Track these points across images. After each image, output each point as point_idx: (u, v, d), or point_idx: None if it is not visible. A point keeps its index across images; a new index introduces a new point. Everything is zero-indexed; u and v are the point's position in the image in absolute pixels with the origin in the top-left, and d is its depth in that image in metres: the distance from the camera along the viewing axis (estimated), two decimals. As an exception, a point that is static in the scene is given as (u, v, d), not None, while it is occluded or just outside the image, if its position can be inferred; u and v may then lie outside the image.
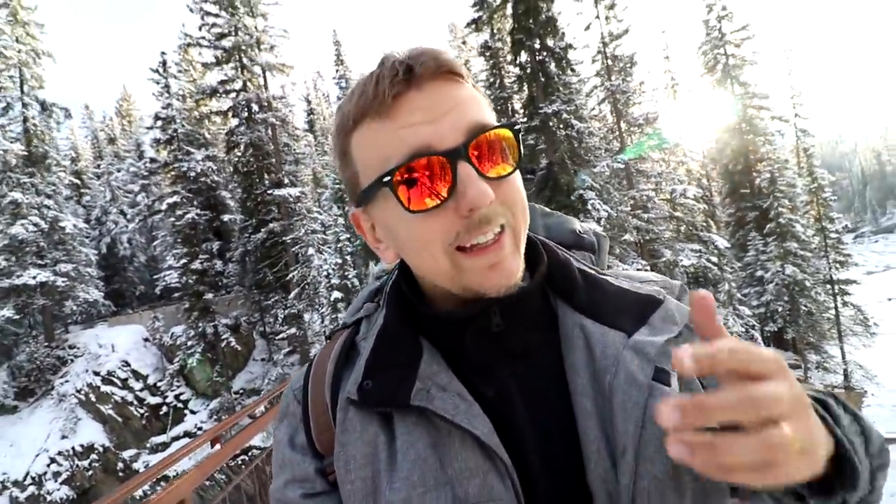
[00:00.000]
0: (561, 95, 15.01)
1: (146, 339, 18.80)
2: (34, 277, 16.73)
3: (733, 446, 0.31)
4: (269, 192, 18.15)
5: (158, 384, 17.64)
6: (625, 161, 17.07)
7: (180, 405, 17.36)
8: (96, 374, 16.87)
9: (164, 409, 17.23)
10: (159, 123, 18.48)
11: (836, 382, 17.35)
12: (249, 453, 9.62)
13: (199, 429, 16.78)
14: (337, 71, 30.80)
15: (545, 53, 15.51)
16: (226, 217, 19.60)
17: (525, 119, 16.20)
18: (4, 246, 16.79)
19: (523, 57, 16.08)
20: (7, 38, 17.78)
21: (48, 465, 15.64)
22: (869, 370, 18.02)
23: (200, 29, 18.06)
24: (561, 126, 15.29)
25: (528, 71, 15.84)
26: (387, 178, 0.46)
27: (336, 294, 16.06)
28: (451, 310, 0.52)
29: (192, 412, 17.24)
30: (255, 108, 18.73)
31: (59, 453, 15.70)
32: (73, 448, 15.84)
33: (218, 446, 1.87)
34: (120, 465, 16.13)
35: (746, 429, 0.31)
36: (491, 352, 0.52)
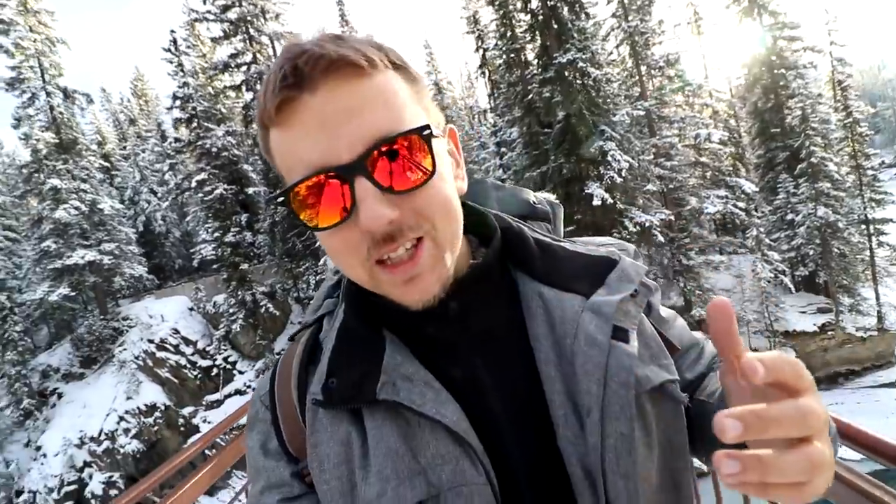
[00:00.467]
0: (576, 43, 14.50)
1: (191, 309, 20.11)
2: (82, 257, 17.93)
3: (782, 463, 0.29)
4: (290, 162, 18.54)
5: (207, 349, 19.05)
6: (646, 108, 16.56)
7: (229, 366, 18.78)
8: (150, 341, 18.31)
9: (215, 370, 18.69)
10: (178, 102, 18.87)
11: (869, 325, 17.16)
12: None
13: (249, 387, 18.22)
14: (342, 31, 30.19)
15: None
16: (250, 190, 20.15)
17: (539, 70, 15.80)
18: (52, 230, 17.95)
19: (534, 3, 15.50)
20: (21, 29, 18.18)
21: (118, 423, 17.40)
22: (905, 310, 17.70)
23: (205, 2, 17.99)
24: (577, 75, 14.88)
25: (540, 18, 15.30)
26: (281, 199, 0.45)
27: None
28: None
29: (240, 372, 18.66)
30: (268, 79, 18.84)
31: (127, 412, 17.38)
32: (138, 407, 17.50)
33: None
34: (181, 420, 17.79)
35: (787, 445, 0.30)
36: (454, 334, 0.51)
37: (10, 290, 18.50)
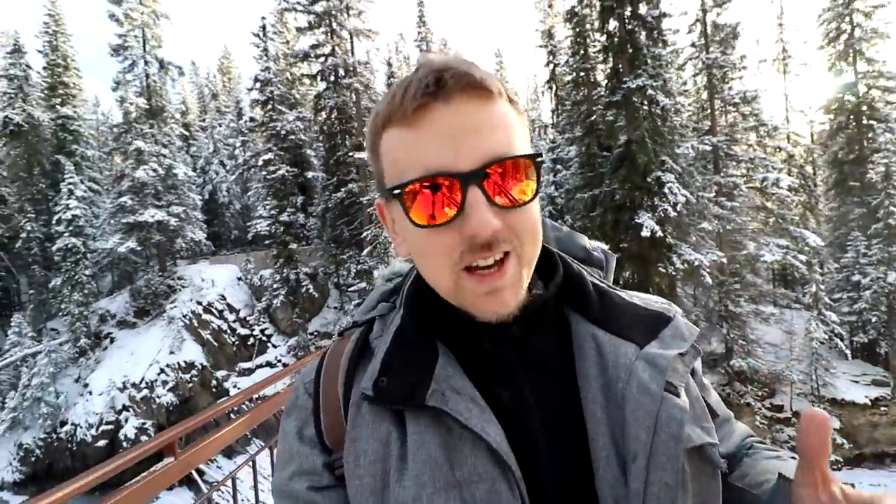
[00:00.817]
0: (648, 69, 14.24)
1: (239, 278, 21.35)
2: (153, 216, 19.47)
3: None
4: (349, 154, 19.32)
5: (248, 318, 20.15)
6: (713, 143, 15.97)
7: (264, 338, 19.77)
8: (199, 303, 19.58)
9: (251, 340, 19.72)
10: (258, 85, 20.13)
11: (931, 405, 15.68)
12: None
13: (279, 360, 19.08)
14: (419, 33, 30.75)
15: (636, 22, 14.68)
16: (310, 174, 21.16)
17: (607, 92, 15.63)
18: (129, 187, 19.62)
19: (611, 25, 15.32)
20: (133, 1, 20.00)
21: (158, 374, 18.69)
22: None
23: (296, -6, 19.10)
24: (645, 102, 14.58)
25: (616, 41, 15.12)
26: (397, 191, 0.48)
27: (404, 255, 17.09)
28: (471, 314, 0.52)
29: (274, 346, 19.59)
30: (341, 72, 19.73)
31: (168, 365, 18.64)
32: (178, 363, 18.73)
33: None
34: (213, 381, 18.88)
35: None
36: (507, 357, 0.53)
37: (87, 236, 20.28)
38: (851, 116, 18.22)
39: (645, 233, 13.47)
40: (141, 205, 19.67)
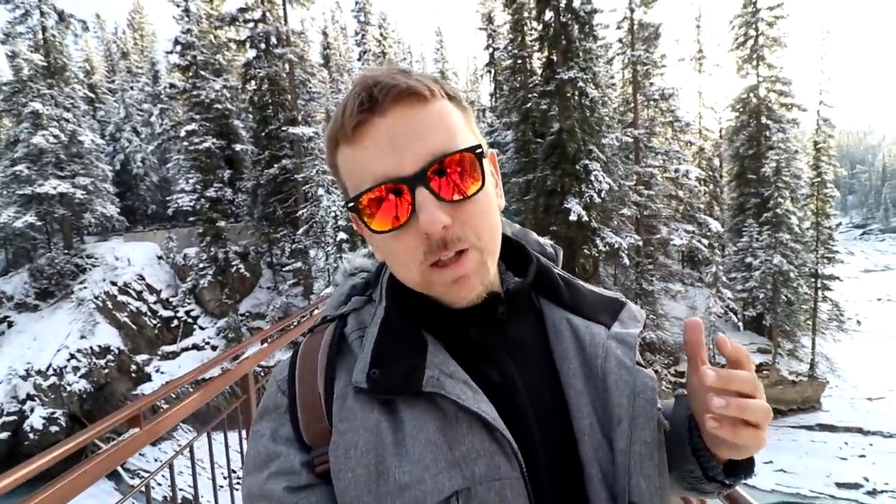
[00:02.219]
0: (579, 62, 14.96)
1: (160, 257, 19.90)
2: (55, 188, 17.50)
3: (753, 406, 0.46)
4: (282, 128, 18.48)
5: (171, 299, 18.94)
6: (635, 135, 17.20)
7: (190, 320, 18.74)
8: (113, 283, 18.08)
9: (175, 322, 18.61)
10: (178, 48, 18.47)
11: (801, 371, 18.46)
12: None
13: (207, 343, 18.24)
14: (356, 3, 29.63)
15: (570, 15, 15.28)
16: (237, 147, 19.89)
17: (541, 81, 16.22)
18: (26, 154, 17.43)
19: (547, 15, 15.84)
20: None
21: (68, 360, 17.18)
22: (834, 363, 19.07)
23: (224, -50, 17.62)
24: (576, 93, 15.36)
25: (551, 32, 15.66)
26: (351, 204, 0.51)
27: (342, 235, 16.86)
28: (444, 303, 0.55)
29: (201, 328, 18.64)
30: (273, 40, 18.64)
31: (79, 350, 17.17)
32: (90, 347, 17.31)
33: (265, 344, 2.64)
34: (133, 367, 17.71)
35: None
36: (493, 340, 0.56)
37: (-28, 208, 17.89)
38: (752, 116, 20.25)
39: (572, 217, 14.38)
40: (40, 175, 17.58)
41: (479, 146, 0.53)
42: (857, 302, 30.88)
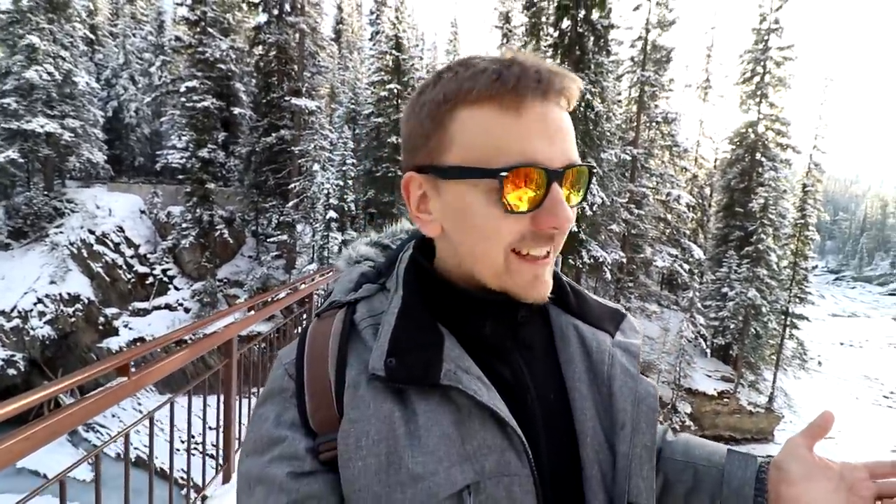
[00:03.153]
0: (590, 74, 15.04)
1: (142, 211, 19.50)
2: (42, 126, 16.98)
3: None
4: (285, 98, 18.21)
5: (148, 256, 18.60)
6: (634, 154, 17.40)
7: (166, 279, 18.44)
8: (91, 232, 17.67)
9: (150, 279, 18.30)
10: (189, 1, 18.00)
11: (760, 403, 19.07)
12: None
13: (181, 304, 17.98)
14: None
15: (586, 27, 15.32)
16: (236, 110, 19.54)
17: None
18: (16, 88, 16.86)
19: (565, 24, 15.84)
20: None
21: (34, 304, 16.78)
22: (792, 399, 19.75)
23: None
24: (583, 105, 15.44)
25: (566, 40, 15.69)
26: (504, 173, 0.48)
27: (332, 213, 16.74)
28: (483, 295, 0.55)
29: (177, 288, 18.37)
30: (287, 7, 18.31)
31: (47, 296, 16.79)
32: (60, 294, 16.93)
33: (252, 312, 2.65)
34: (101, 319, 17.37)
35: None
36: (506, 340, 0.57)
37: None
38: (748, 151, 20.62)
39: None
40: (28, 111, 17.03)
41: (595, 167, 0.57)
42: (821, 343, 31.93)
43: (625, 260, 16.72)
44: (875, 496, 0.54)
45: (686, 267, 17.68)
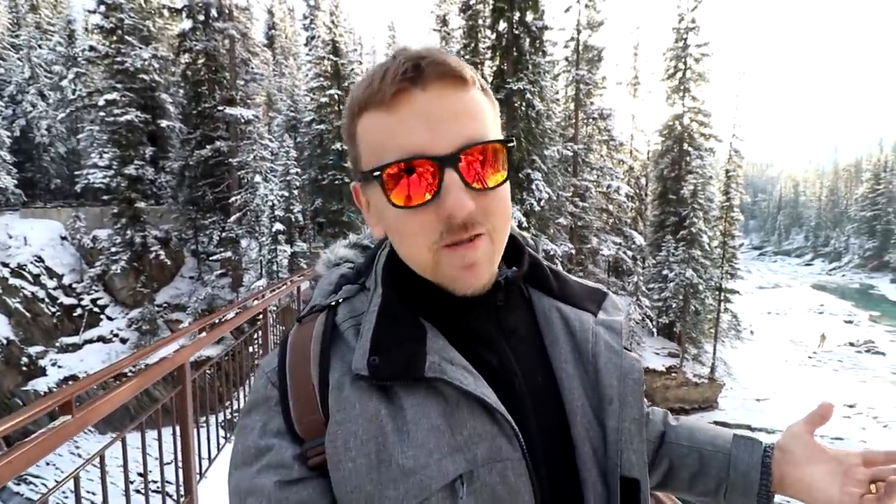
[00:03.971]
0: (528, 74, 15.50)
1: (63, 238, 17.81)
2: (-66, 150, 15.12)
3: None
4: (218, 108, 17.35)
5: (74, 285, 17.00)
6: (574, 150, 18.10)
7: (97, 309, 16.94)
8: (4, 265, 15.92)
9: (79, 311, 16.74)
10: (103, 8, 16.71)
11: (703, 373, 20.43)
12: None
13: (116, 335, 16.59)
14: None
15: (521, 28, 15.79)
16: (164, 122, 18.35)
17: (492, 90, 16.57)
18: None
19: (501, 26, 16.25)
20: None
21: (-60, 351, 14.89)
22: (731, 368, 21.37)
23: None
24: (523, 104, 15.89)
25: (503, 43, 16.09)
26: (377, 173, 0.49)
27: (278, 226, 16.11)
28: (448, 289, 0.55)
29: (109, 318, 16.91)
30: (213, 13, 17.47)
31: (-45, 339, 14.96)
32: (-29, 336, 15.13)
33: (204, 333, 2.45)
34: (25, 360, 15.68)
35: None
36: (490, 327, 0.57)
37: None
38: (676, 142, 22.13)
39: (512, 223, 14.83)
40: (-85, 133, 15.09)
41: (511, 139, 0.53)
42: (752, 314, 34.74)
43: (574, 251, 17.35)
44: (869, 480, 0.59)
45: (629, 253, 18.64)
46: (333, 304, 0.60)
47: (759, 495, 0.66)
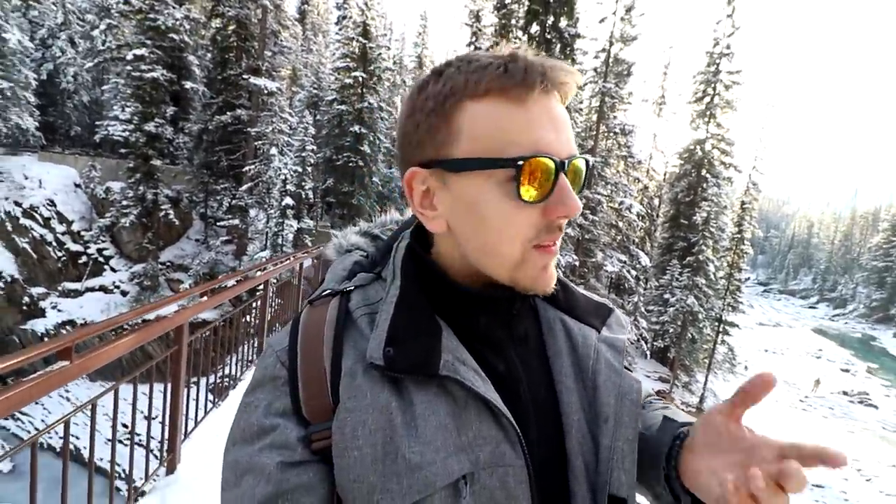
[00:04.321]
0: (555, 81, 15.38)
1: (77, 185, 18.02)
2: (-38, 83, 15.31)
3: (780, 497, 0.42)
4: (243, 76, 17.40)
5: (83, 233, 17.21)
6: (592, 162, 17.97)
7: (101, 259, 17.15)
8: (17, 204, 16.15)
9: (84, 258, 16.96)
10: (142, -38, 16.77)
11: (691, 402, 20.38)
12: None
13: (117, 287, 16.81)
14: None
15: (554, 34, 15.68)
16: (188, 84, 18.41)
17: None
18: (-69, 37, 15.09)
19: (534, 28, 16.13)
20: None
21: (-56, 280, 15.15)
22: (720, 400, 21.19)
23: None
24: (545, 110, 15.78)
25: (534, 46, 15.96)
26: (521, 162, 0.48)
27: (288, 200, 16.19)
28: (480, 289, 0.55)
29: (113, 270, 17.14)
30: (251, -19, 17.49)
31: (-40, 270, 15.21)
32: (-24, 270, 15.38)
33: (205, 297, 2.50)
34: (26, 299, 15.94)
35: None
36: (501, 332, 0.57)
37: None
38: (695, 167, 21.93)
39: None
40: (-55, 64, 15.28)
41: (592, 160, 0.56)
42: (748, 350, 34.51)
43: (577, 263, 17.30)
44: (772, 477, 0.44)
45: (633, 273, 18.57)
46: (347, 290, 0.60)
47: (665, 486, 0.58)
